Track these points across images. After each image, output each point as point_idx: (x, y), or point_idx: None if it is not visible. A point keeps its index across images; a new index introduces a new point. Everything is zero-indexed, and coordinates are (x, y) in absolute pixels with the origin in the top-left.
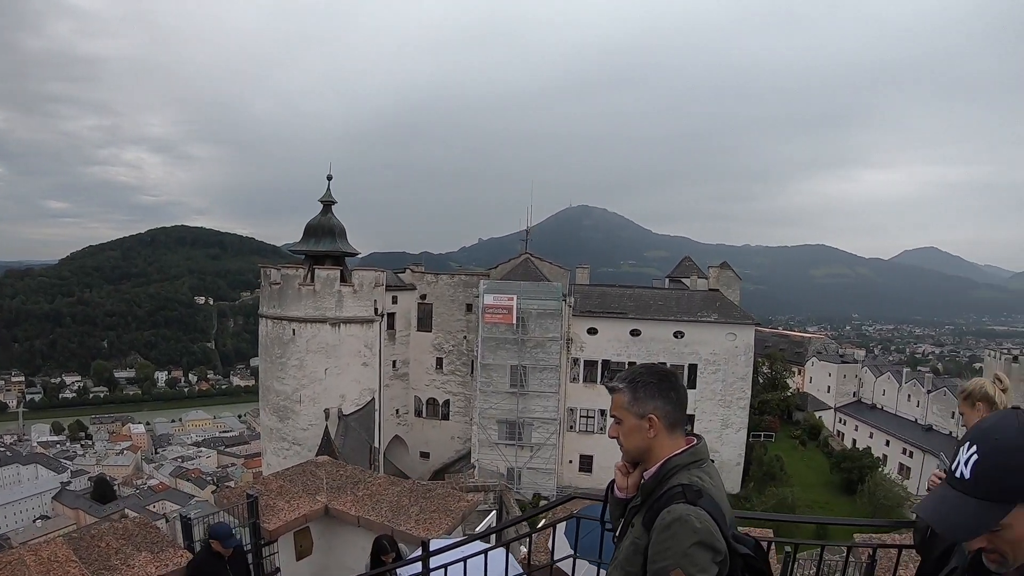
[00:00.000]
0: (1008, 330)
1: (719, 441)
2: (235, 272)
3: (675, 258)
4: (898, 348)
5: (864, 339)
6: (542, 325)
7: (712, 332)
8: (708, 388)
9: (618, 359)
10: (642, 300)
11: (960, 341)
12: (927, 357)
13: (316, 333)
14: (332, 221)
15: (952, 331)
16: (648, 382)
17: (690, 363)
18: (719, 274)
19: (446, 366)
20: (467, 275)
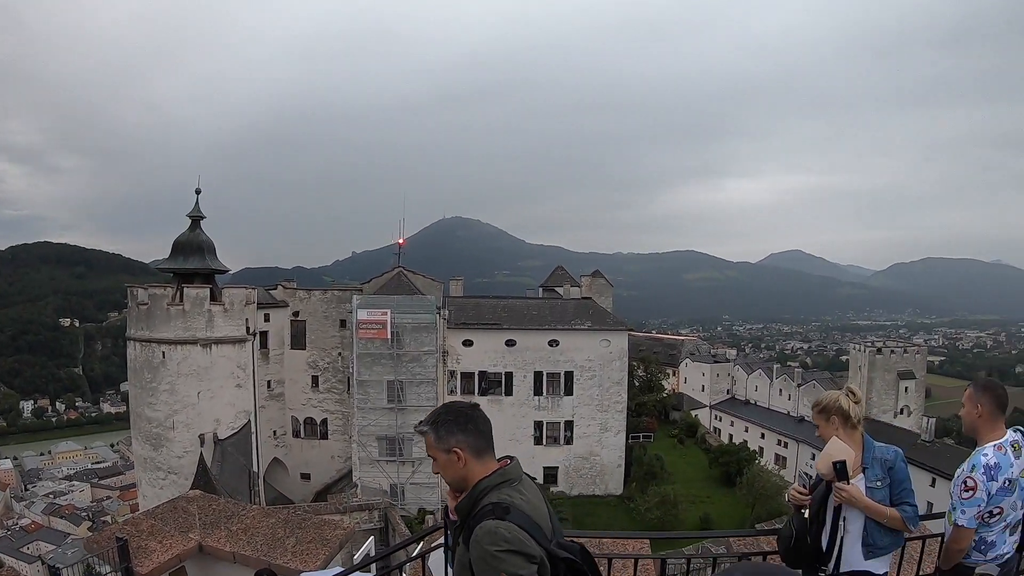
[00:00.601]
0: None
1: (599, 445)
2: (102, 292)
3: (549, 267)
4: (768, 346)
5: (735, 339)
6: (417, 339)
7: (586, 339)
8: (585, 394)
9: (495, 370)
10: (516, 310)
11: (827, 336)
12: (796, 353)
13: (187, 355)
14: (201, 237)
15: (819, 327)
16: (447, 420)
17: (566, 370)
18: (591, 282)
19: (322, 384)
20: (340, 290)
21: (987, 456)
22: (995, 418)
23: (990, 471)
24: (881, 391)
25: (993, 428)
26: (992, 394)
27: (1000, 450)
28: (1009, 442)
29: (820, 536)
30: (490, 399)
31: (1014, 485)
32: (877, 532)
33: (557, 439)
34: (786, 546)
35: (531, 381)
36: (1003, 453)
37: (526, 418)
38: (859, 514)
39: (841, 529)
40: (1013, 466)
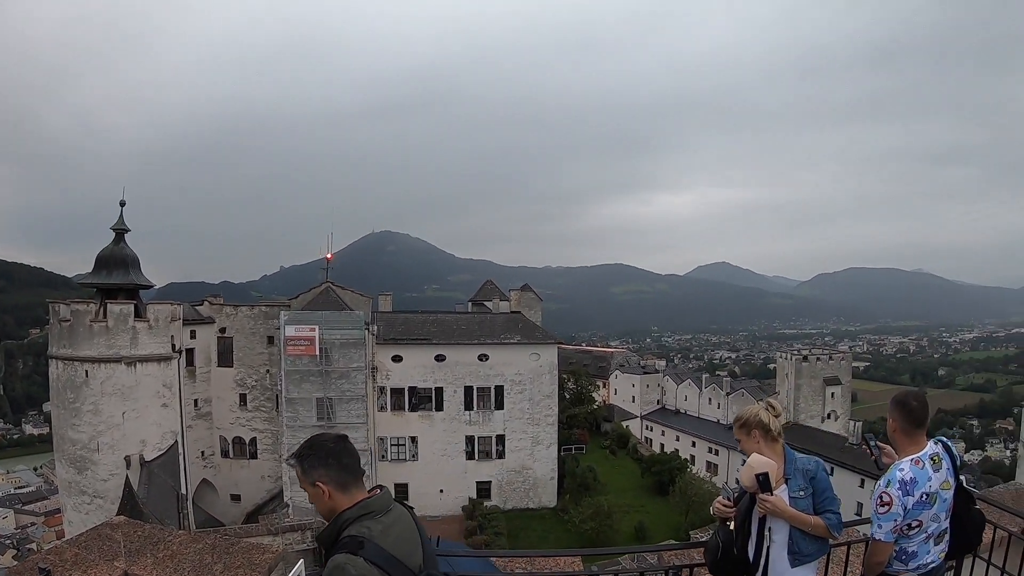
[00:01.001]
0: (797, 332)
1: (532, 458)
2: (23, 307)
3: (479, 282)
4: (697, 356)
5: (664, 350)
6: (346, 355)
7: (516, 353)
8: (516, 408)
9: (424, 385)
10: (446, 325)
11: (754, 345)
12: (724, 362)
13: (111, 374)
14: (125, 251)
15: (746, 337)
16: (309, 455)
17: (496, 385)
18: (520, 296)
19: (250, 402)
20: (267, 306)
21: (903, 471)
22: (910, 432)
23: (905, 486)
24: (808, 397)
25: (911, 442)
26: (903, 409)
27: (917, 464)
28: (928, 455)
29: (747, 547)
30: (421, 415)
31: (933, 498)
32: (802, 540)
33: (489, 453)
34: (713, 557)
35: (462, 396)
36: (920, 467)
37: (457, 433)
38: (784, 524)
39: (767, 539)
40: (931, 479)
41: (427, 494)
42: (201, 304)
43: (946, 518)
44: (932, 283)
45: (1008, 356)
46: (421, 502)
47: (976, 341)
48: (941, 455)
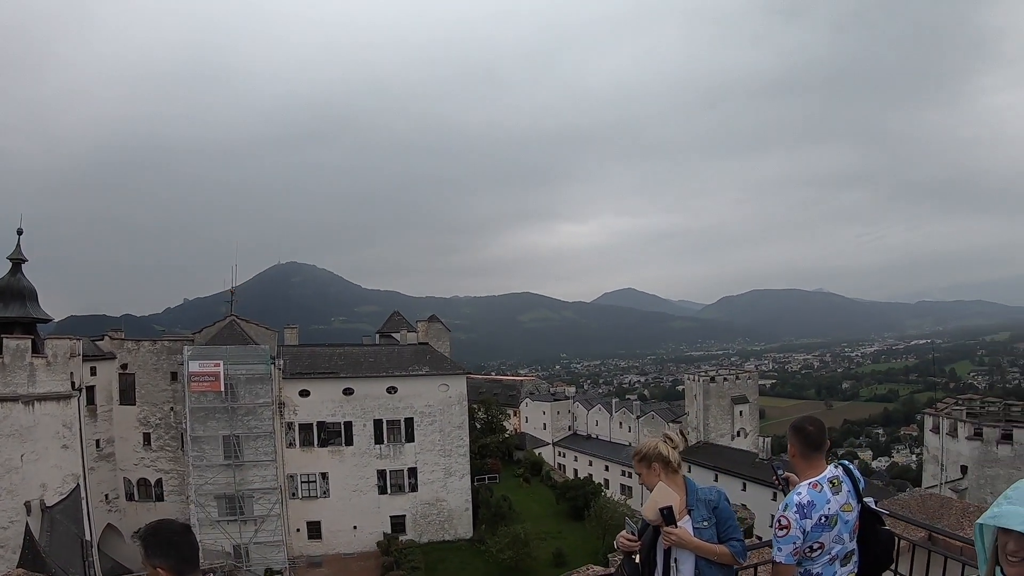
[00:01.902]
0: (704, 354)
1: (445, 490)
2: None
3: (386, 313)
4: (606, 381)
5: (574, 376)
6: (252, 391)
7: (425, 385)
8: (427, 440)
9: (333, 419)
10: (353, 358)
11: (662, 368)
12: (634, 386)
13: (7, 414)
14: (22, 282)
15: (654, 360)
16: (153, 541)
17: (406, 417)
18: (428, 327)
19: (155, 442)
20: (171, 340)
21: (800, 495)
22: (809, 456)
23: (803, 509)
24: (717, 416)
25: (810, 466)
26: (800, 434)
27: (815, 488)
28: (827, 479)
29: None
30: (331, 450)
31: (833, 520)
32: (708, 569)
33: (402, 487)
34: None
35: (371, 429)
36: (818, 491)
37: (368, 467)
38: (690, 554)
39: (673, 570)
40: (831, 502)
41: (341, 531)
42: (102, 339)
43: (851, 539)
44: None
45: (908, 367)
46: (335, 539)
47: (877, 354)
48: (841, 478)
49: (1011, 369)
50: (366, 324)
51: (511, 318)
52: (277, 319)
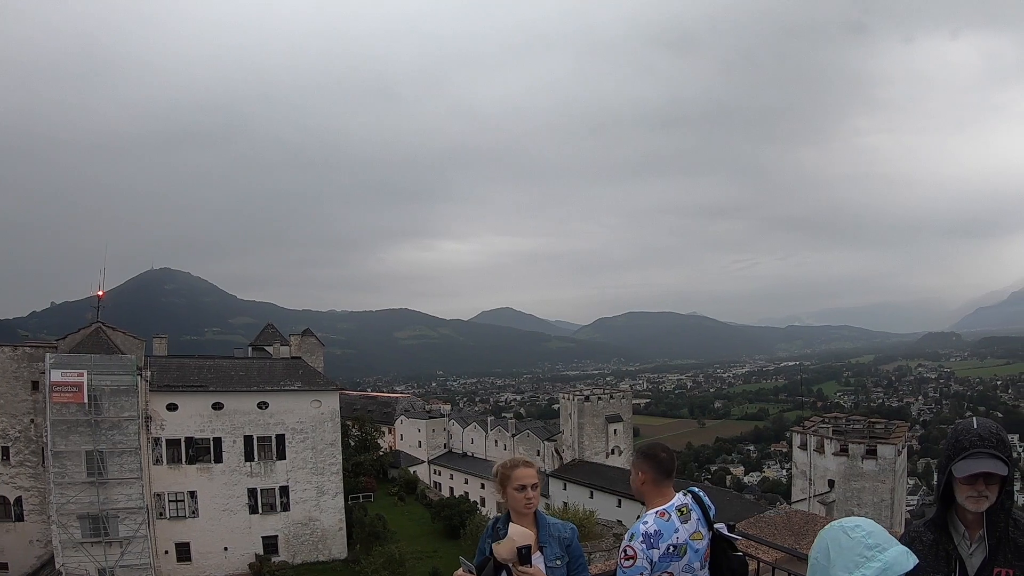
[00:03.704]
0: (579, 373)
1: (317, 509)
2: None
3: (260, 325)
4: (482, 399)
5: (450, 394)
6: (117, 403)
7: (297, 400)
8: (299, 457)
9: (202, 435)
10: (224, 371)
11: (538, 387)
12: (510, 404)
13: None
14: None
15: (531, 379)
16: None
17: (277, 433)
18: (301, 341)
19: (13, 457)
20: (32, 347)
21: (647, 524)
22: (659, 483)
23: (649, 539)
24: (592, 435)
25: (659, 493)
26: (652, 461)
27: (663, 516)
28: (675, 507)
29: None
30: (199, 467)
31: (682, 549)
32: None
33: (273, 506)
34: None
35: (241, 446)
36: (666, 520)
37: (239, 486)
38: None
39: None
40: (678, 531)
41: (211, 552)
42: None
43: (702, 567)
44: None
45: (778, 387)
46: (205, 562)
47: (748, 375)
48: (691, 506)
49: (875, 389)
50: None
51: (388, 334)
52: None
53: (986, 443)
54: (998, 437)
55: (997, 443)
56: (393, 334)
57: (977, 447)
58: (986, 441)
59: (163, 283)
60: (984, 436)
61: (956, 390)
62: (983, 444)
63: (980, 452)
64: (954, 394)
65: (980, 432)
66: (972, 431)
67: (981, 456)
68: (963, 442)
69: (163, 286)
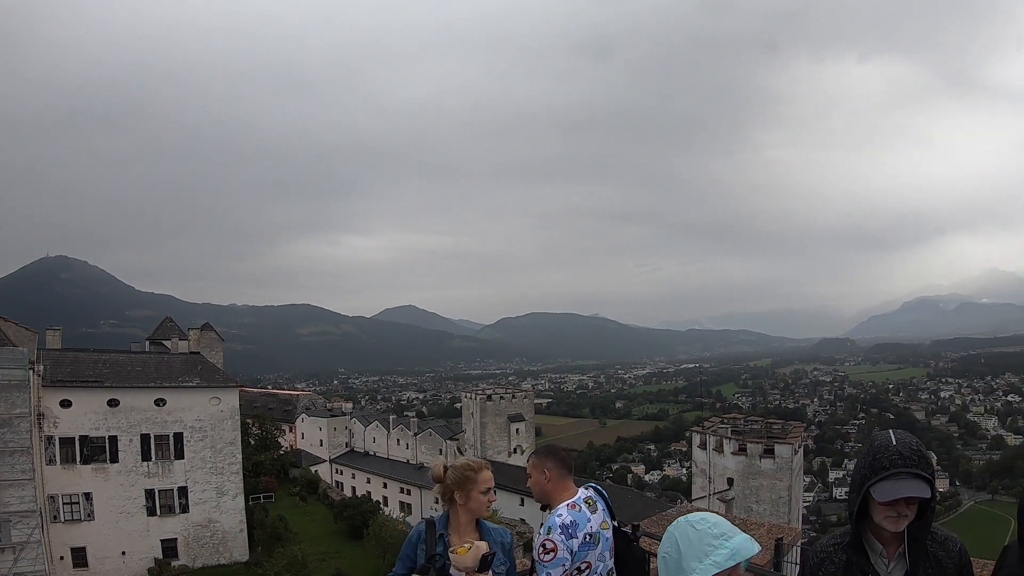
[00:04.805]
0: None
1: (217, 510)
2: None
3: (160, 318)
4: (385, 397)
5: (352, 392)
6: (7, 399)
7: (195, 397)
8: (198, 457)
9: (97, 433)
10: (120, 366)
11: (441, 386)
12: (412, 403)
13: None
14: None
15: (433, 378)
16: None
17: (175, 432)
18: (200, 336)
19: None
20: None
21: (561, 516)
22: (563, 479)
23: (567, 529)
24: (494, 434)
25: (564, 488)
26: (556, 458)
27: (574, 508)
28: (583, 499)
29: None
30: (94, 467)
31: (596, 538)
32: None
33: (172, 508)
34: None
35: (138, 445)
36: (578, 511)
37: (136, 487)
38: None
39: None
40: (591, 521)
41: (108, 557)
42: None
43: (611, 557)
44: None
45: (678, 388)
46: (102, 567)
47: (649, 376)
48: (595, 498)
49: (772, 391)
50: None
51: (290, 330)
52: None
53: (908, 462)
54: (920, 454)
55: (920, 461)
56: (295, 330)
57: (899, 466)
58: (908, 460)
59: (58, 272)
60: (905, 454)
61: (850, 393)
62: (905, 463)
63: (903, 473)
64: (848, 397)
65: (900, 449)
66: (891, 448)
67: (904, 477)
68: (882, 460)
69: (58, 275)
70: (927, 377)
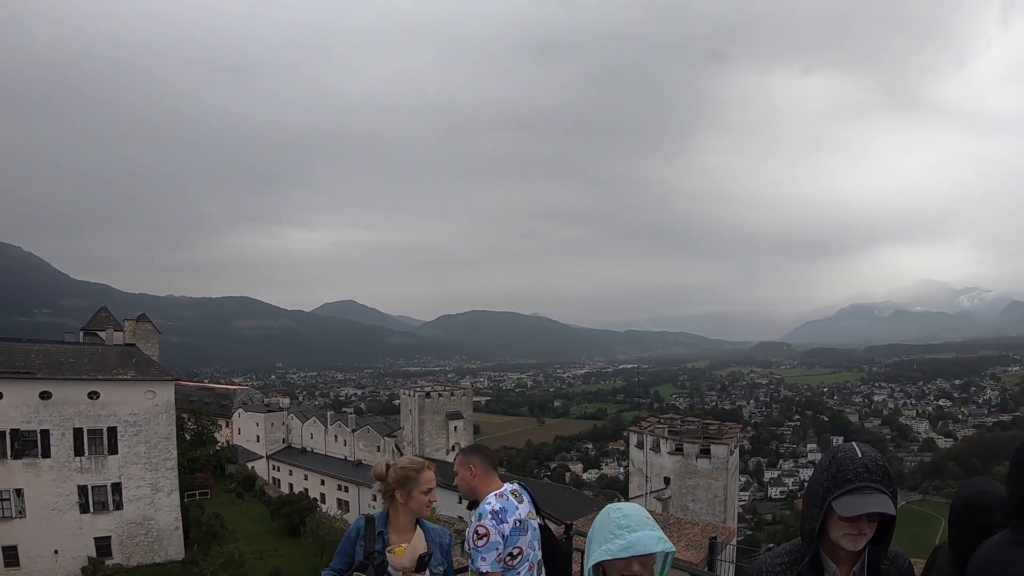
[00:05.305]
0: (421, 370)
1: (152, 507)
2: None
3: (95, 307)
4: (323, 393)
5: (289, 387)
6: None
7: (130, 391)
8: (132, 452)
9: (28, 427)
10: (52, 357)
11: (379, 382)
12: (350, 399)
13: None
14: None
15: (372, 374)
16: None
17: (109, 426)
18: (136, 327)
19: None
20: None
21: (490, 504)
22: (489, 475)
23: (497, 515)
24: (432, 431)
25: (490, 482)
26: (481, 455)
27: (502, 496)
28: (509, 490)
29: None
30: (25, 462)
31: (525, 525)
32: None
33: (106, 504)
34: None
35: (71, 439)
36: (505, 499)
37: (68, 483)
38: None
39: None
40: (518, 509)
41: (40, 556)
42: None
43: (539, 547)
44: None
45: (616, 388)
46: (34, 566)
47: (588, 376)
48: (520, 491)
49: (709, 392)
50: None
51: (228, 323)
52: None
53: (873, 476)
54: (884, 470)
55: (884, 477)
56: (233, 323)
57: (864, 480)
58: (873, 474)
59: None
60: (871, 468)
61: (785, 395)
62: (870, 477)
63: (867, 488)
64: (783, 399)
65: (866, 463)
66: (857, 461)
67: (869, 492)
68: (846, 473)
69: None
70: (861, 381)
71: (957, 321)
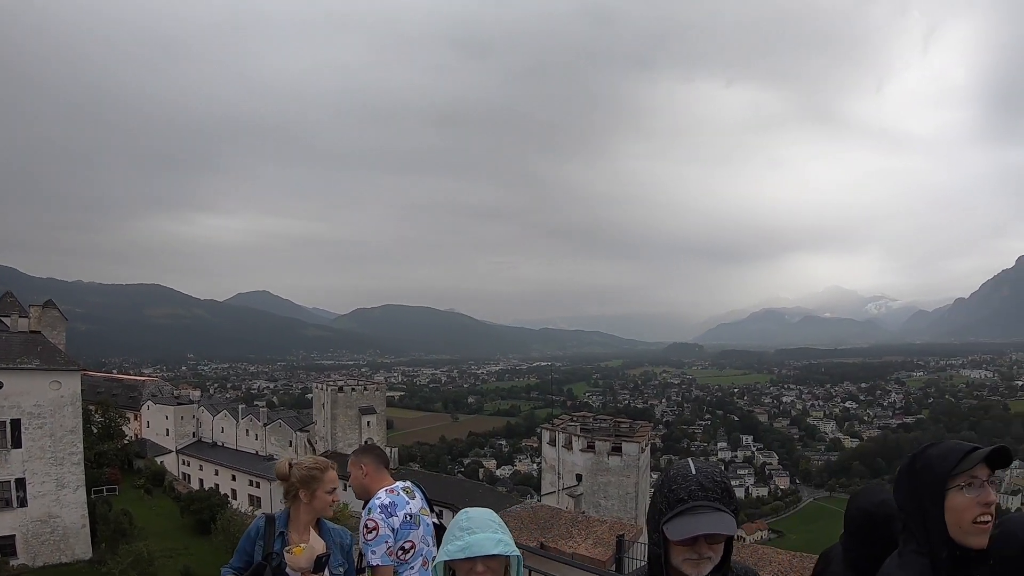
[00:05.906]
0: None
1: (58, 504)
2: None
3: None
4: (234, 386)
5: (201, 379)
6: None
7: (35, 381)
8: (36, 446)
9: None
10: None
11: (292, 376)
12: (263, 392)
13: None
14: None
15: (284, 367)
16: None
17: (12, 418)
18: (42, 314)
19: None
20: None
21: (380, 498)
22: (380, 473)
23: (387, 509)
24: (345, 426)
25: (380, 480)
26: (372, 455)
27: (392, 492)
28: (400, 487)
29: None
30: None
31: (417, 520)
32: None
33: (10, 502)
34: None
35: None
36: (395, 494)
37: None
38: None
39: None
40: (410, 504)
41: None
42: None
43: (433, 543)
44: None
45: (530, 385)
46: None
47: (502, 373)
48: (412, 488)
49: (621, 391)
50: None
51: (138, 311)
52: None
53: (709, 494)
54: (723, 486)
55: (722, 494)
56: (144, 311)
57: (698, 499)
58: (709, 492)
59: None
60: (706, 485)
61: (697, 395)
62: (706, 496)
63: (702, 507)
64: (695, 398)
65: (701, 480)
66: (690, 478)
67: (703, 511)
68: (678, 492)
69: None
70: (771, 383)
71: (864, 328)
